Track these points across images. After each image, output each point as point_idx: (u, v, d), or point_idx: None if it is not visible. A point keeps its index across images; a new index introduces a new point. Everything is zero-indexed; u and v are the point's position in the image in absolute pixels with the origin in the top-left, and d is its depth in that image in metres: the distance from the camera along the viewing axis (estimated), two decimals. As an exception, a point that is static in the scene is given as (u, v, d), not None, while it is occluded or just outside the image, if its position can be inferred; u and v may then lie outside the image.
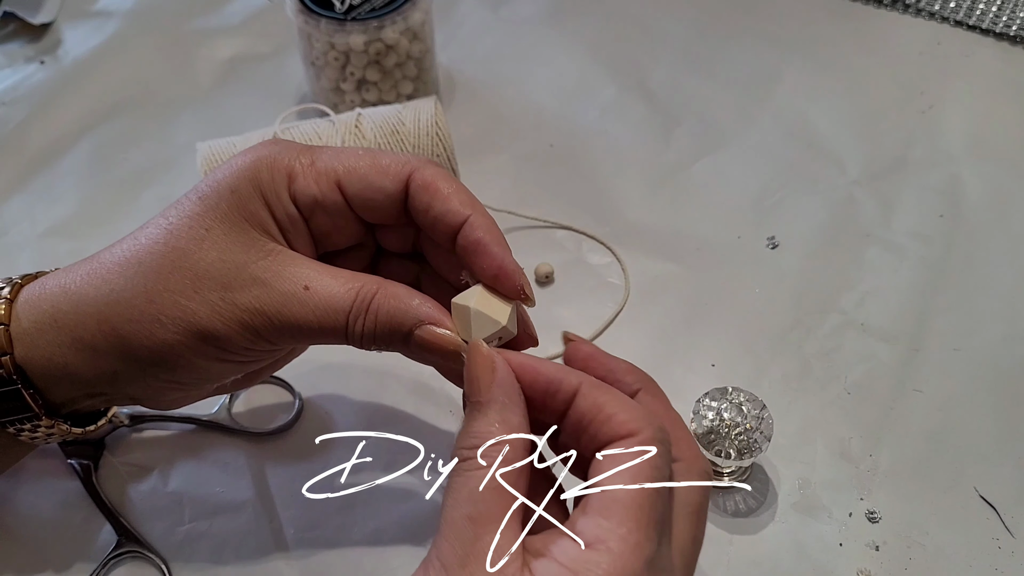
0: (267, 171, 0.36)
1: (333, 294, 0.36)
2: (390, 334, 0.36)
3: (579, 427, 0.34)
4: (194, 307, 0.35)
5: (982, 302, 0.54)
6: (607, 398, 0.33)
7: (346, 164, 0.37)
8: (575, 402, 0.34)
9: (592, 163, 0.62)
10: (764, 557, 0.45)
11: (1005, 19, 0.69)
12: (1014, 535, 0.45)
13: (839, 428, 0.49)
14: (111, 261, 0.37)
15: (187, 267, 0.35)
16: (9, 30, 0.72)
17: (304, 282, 0.36)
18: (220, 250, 0.36)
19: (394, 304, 0.36)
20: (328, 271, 0.36)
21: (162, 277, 0.35)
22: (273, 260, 0.36)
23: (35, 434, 0.39)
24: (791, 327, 0.53)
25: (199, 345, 0.36)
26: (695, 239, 0.58)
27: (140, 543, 0.45)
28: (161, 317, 0.35)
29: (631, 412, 0.33)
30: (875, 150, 0.62)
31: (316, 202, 0.37)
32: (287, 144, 0.38)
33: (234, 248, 0.36)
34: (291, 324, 0.36)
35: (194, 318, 0.35)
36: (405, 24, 0.58)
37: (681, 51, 0.69)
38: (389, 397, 0.51)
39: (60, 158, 0.64)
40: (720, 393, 0.45)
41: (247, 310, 0.35)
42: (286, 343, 0.37)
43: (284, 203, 0.37)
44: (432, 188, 0.37)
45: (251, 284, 0.35)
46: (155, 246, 0.36)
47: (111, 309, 0.36)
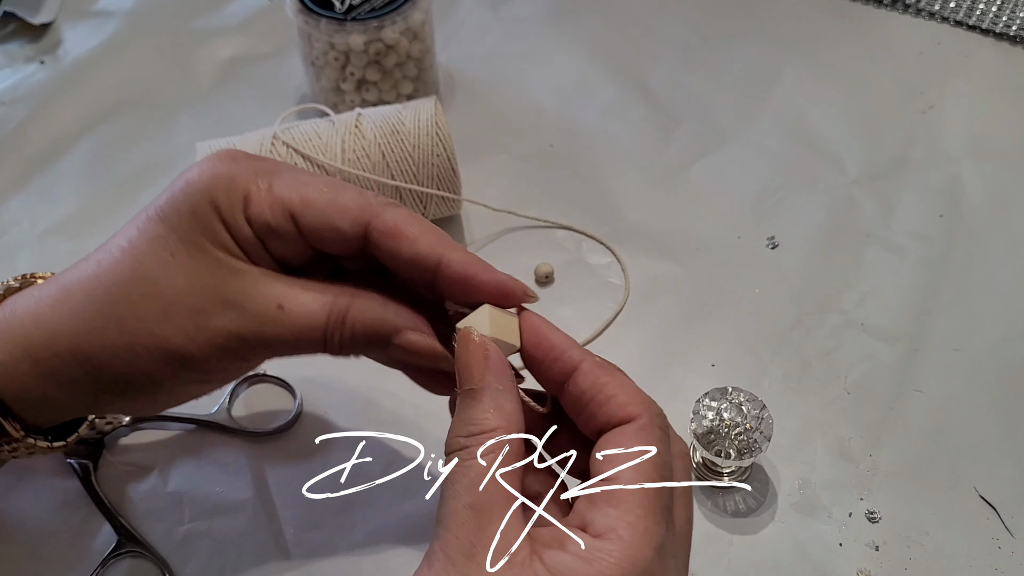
0: (224, 192, 0.35)
1: (307, 310, 0.35)
2: (368, 344, 0.36)
3: (579, 404, 0.34)
4: (167, 334, 0.34)
5: (982, 302, 0.54)
6: (608, 378, 0.34)
7: (303, 196, 0.36)
8: (576, 379, 0.34)
9: (592, 163, 0.62)
10: (764, 557, 0.45)
11: (1005, 19, 0.69)
12: (1014, 535, 0.45)
13: (839, 428, 0.49)
14: (79, 288, 0.36)
15: (155, 294, 0.35)
16: (9, 30, 0.72)
17: (277, 301, 0.35)
18: (187, 273, 0.35)
19: (369, 316, 0.36)
20: (299, 285, 0.36)
21: (131, 305, 0.35)
22: (242, 280, 0.35)
23: (15, 452, 0.39)
24: (791, 327, 0.53)
25: (176, 371, 0.35)
26: (695, 239, 0.58)
27: (140, 543, 0.45)
28: (136, 347, 0.35)
29: (631, 395, 0.34)
30: (875, 150, 0.62)
31: (270, 229, 0.36)
32: (245, 162, 0.37)
33: (201, 271, 0.35)
34: (267, 344, 0.35)
35: (169, 345, 0.35)
36: (405, 24, 0.58)
37: (681, 51, 0.69)
38: (389, 397, 0.51)
39: (60, 158, 0.64)
40: (720, 393, 0.45)
41: (222, 334, 0.35)
42: (264, 359, 0.38)
43: (241, 225, 0.35)
44: (396, 234, 0.35)
45: (223, 307, 0.35)
46: (120, 271, 0.35)
47: (84, 340, 0.35)
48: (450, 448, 0.33)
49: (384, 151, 0.53)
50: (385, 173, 0.53)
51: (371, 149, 0.53)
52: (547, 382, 0.36)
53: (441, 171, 0.53)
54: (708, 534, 0.46)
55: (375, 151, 0.53)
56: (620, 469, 0.32)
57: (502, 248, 0.58)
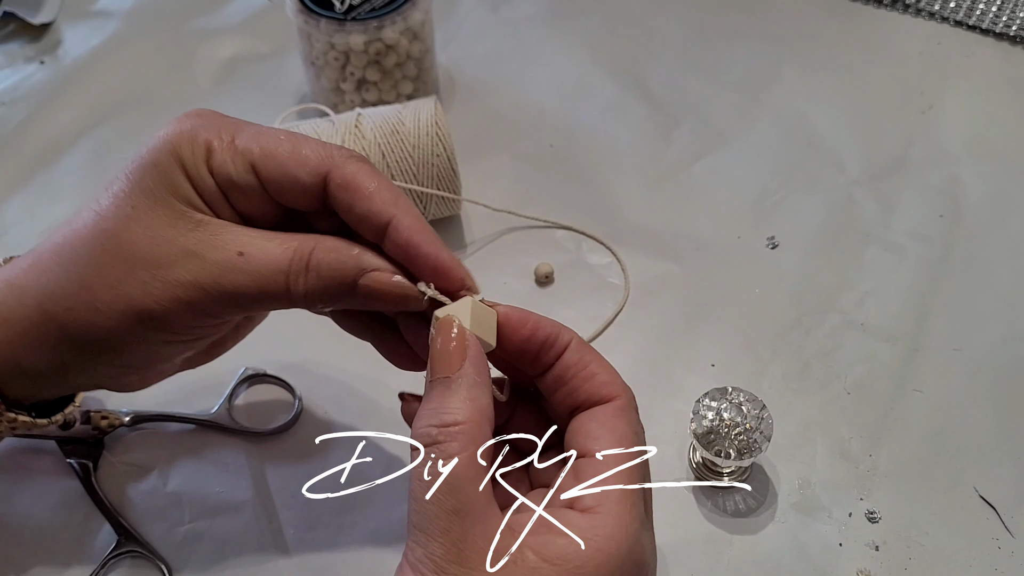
0: (188, 145, 0.35)
1: (269, 256, 0.35)
2: (335, 288, 0.35)
3: (561, 379, 0.35)
4: (128, 290, 0.34)
5: (982, 302, 0.54)
6: (592, 356, 0.35)
7: (263, 147, 0.35)
8: (564, 355, 0.35)
9: (592, 163, 0.62)
10: (764, 557, 0.45)
11: (1005, 19, 0.69)
12: (1014, 535, 0.45)
13: (839, 428, 0.49)
14: (49, 251, 0.36)
15: (116, 249, 0.34)
16: (9, 30, 0.72)
17: (237, 248, 0.35)
18: (146, 227, 0.35)
19: (334, 256, 0.35)
20: (261, 235, 0.35)
21: (94, 262, 0.35)
22: (203, 231, 0.35)
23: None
24: (791, 327, 0.53)
25: (139, 328, 0.35)
26: (695, 239, 0.58)
27: (140, 543, 0.45)
28: (97, 304, 0.35)
29: (611, 375, 0.35)
30: (875, 150, 0.62)
31: (232, 181, 0.35)
32: (212, 116, 0.37)
33: (161, 223, 0.35)
34: (229, 293, 0.35)
35: (130, 302, 0.34)
36: (405, 24, 0.58)
37: (681, 51, 0.69)
38: (389, 397, 0.51)
39: (60, 158, 0.64)
40: (720, 393, 0.45)
41: (181, 285, 0.34)
42: (229, 314, 0.37)
43: (204, 177, 0.35)
44: (352, 187, 0.35)
45: (183, 258, 0.34)
46: (86, 230, 0.35)
47: (51, 300, 0.35)
48: (420, 438, 0.32)
49: (384, 151, 0.53)
50: (385, 173, 0.52)
51: (371, 149, 0.53)
52: (538, 367, 0.36)
53: (441, 171, 0.53)
54: (708, 534, 0.46)
55: (375, 151, 0.53)
56: (609, 452, 0.33)
57: (502, 248, 0.58)
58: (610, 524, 0.31)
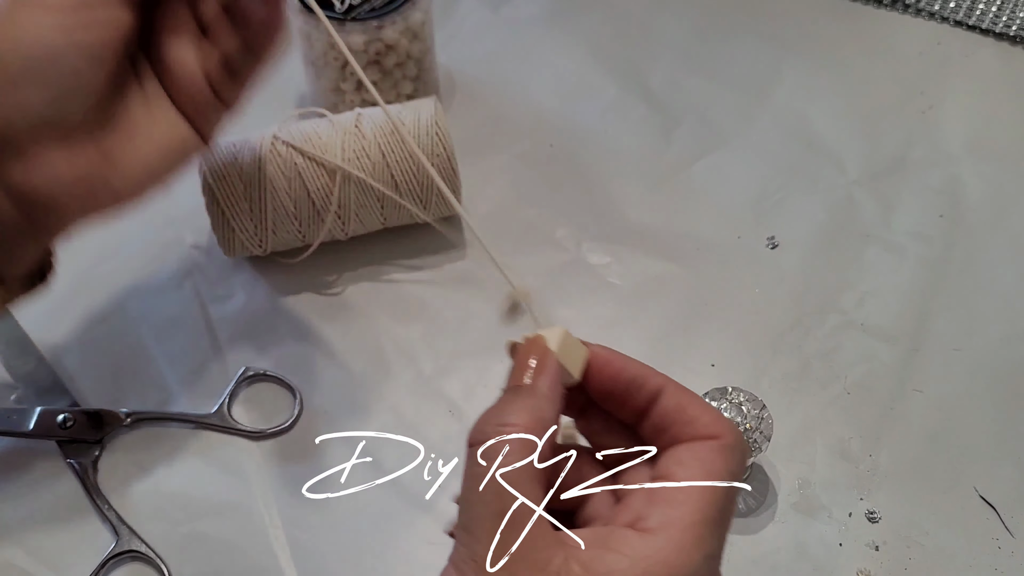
0: None
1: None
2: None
3: (660, 426, 0.33)
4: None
5: (982, 302, 0.54)
6: (690, 400, 0.33)
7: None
8: (660, 401, 0.33)
9: (592, 163, 0.62)
10: (764, 557, 0.45)
11: (1005, 19, 0.69)
12: (1014, 535, 0.45)
13: (839, 428, 0.49)
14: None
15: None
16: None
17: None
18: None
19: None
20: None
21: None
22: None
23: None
24: (791, 327, 0.53)
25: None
26: (695, 239, 0.58)
27: (140, 543, 0.45)
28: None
29: (713, 415, 0.33)
30: (875, 150, 0.62)
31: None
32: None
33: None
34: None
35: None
36: (405, 24, 0.58)
37: (681, 51, 0.69)
38: (389, 397, 0.51)
39: (60, 158, 0.64)
40: (720, 393, 0.45)
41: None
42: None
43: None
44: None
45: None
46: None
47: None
48: (475, 437, 0.31)
49: (384, 151, 0.53)
50: (385, 173, 0.53)
51: (371, 149, 0.53)
52: (629, 412, 0.34)
53: (441, 171, 0.53)
54: (708, 534, 0.46)
55: (375, 151, 0.53)
56: (691, 484, 0.31)
57: (501, 248, 0.58)
58: (669, 549, 0.29)
